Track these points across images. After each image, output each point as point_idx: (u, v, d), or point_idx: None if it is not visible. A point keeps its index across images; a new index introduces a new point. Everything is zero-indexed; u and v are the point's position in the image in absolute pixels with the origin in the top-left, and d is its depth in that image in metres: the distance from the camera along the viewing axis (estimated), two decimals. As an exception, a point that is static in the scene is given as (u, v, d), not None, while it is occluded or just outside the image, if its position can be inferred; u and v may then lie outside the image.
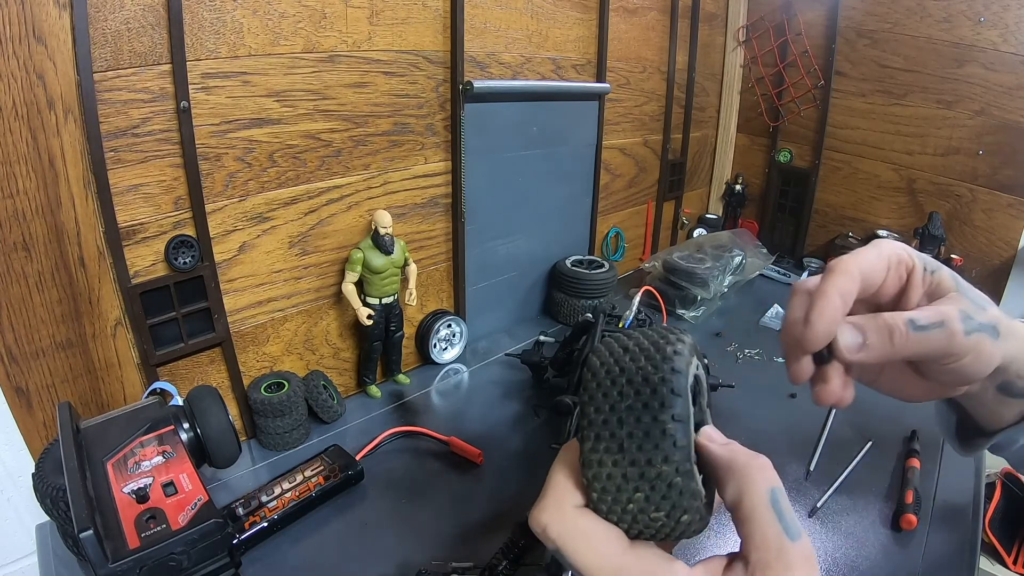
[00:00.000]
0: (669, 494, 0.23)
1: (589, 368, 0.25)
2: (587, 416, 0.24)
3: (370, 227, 0.91)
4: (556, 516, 0.25)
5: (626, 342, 0.26)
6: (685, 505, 0.23)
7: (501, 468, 0.79)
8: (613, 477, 0.23)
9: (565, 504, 0.25)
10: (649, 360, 0.24)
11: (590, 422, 0.24)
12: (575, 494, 0.25)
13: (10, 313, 0.63)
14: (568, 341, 0.93)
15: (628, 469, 0.23)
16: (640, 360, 0.24)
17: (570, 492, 0.25)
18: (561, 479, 0.26)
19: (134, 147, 0.67)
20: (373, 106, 0.87)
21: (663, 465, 0.23)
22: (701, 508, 0.24)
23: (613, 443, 0.23)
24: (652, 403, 0.23)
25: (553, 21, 1.11)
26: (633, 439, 0.23)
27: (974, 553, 0.67)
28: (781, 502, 0.23)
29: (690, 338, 0.26)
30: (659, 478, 0.23)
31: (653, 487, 0.23)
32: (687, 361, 0.24)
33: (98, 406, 0.72)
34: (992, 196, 1.31)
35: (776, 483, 0.24)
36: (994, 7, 1.22)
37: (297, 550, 0.66)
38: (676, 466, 0.23)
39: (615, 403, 0.24)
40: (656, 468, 0.23)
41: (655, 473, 0.23)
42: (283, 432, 0.81)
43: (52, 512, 0.58)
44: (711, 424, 0.27)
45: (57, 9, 0.58)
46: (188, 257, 0.73)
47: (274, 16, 0.74)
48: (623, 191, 1.46)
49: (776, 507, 0.23)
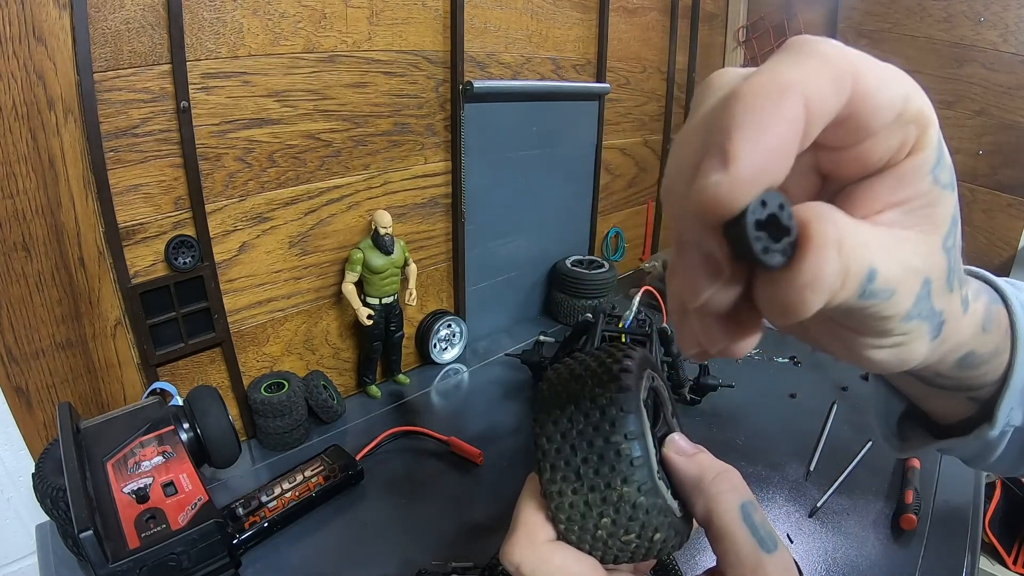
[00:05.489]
0: (635, 515, 0.22)
1: (538, 399, 0.25)
2: (540, 448, 0.24)
3: (370, 227, 0.91)
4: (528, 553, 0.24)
5: (573, 366, 0.25)
6: (655, 523, 0.22)
7: (501, 468, 0.79)
8: (576, 506, 0.23)
9: (536, 539, 0.24)
10: (596, 382, 0.24)
11: (544, 453, 0.24)
12: (545, 527, 0.24)
13: (10, 313, 0.63)
14: (568, 341, 0.93)
15: (589, 495, 0.22)
16: (587, 383, 0.24)
17: (540, 526, 0.24)
18: (530, 512, 0.25)
19: (134, 147, 0.67)
20: (373, 106, 0.87)
21: (623, 487, 0.22)
22: (676, 523, 0.23)
23: (569, 471, 0.23)
24: (602, 425, 0.23)
25: (553, 21, 1.11)
26: (589, 464, 0.22)
27: (974, 553, 0.67)
28: (754, 515, 0.22)
29: (639, 352, 0.26)
30: (621, 500, 0.22)
31: (617, 510, 0.22)
32: (636, 377, 0.24)
33: (98, 406, 0.72)
34: (992, 196, 1.31)
35: (747, 495, 0.23)
36: (994, 7, 1.22)
37: (297, 550, 0.66)
38: (637, 485, 0.22)
39: (566, 431, 0.23)
40: (616, 491, 0.22)
41: (616, 496, 0.22)
42: (283, 432, 0.81)
43: (52, 512, 0.58)
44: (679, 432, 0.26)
45: (57, 9, 0.58)
46: (188, 257, 0.73)
47: (274, 16, 0.74)
48: (623, 191, 1.46)
49: (748, 521, 0.22)
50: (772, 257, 0.15)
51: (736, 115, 0.14)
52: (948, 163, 0.19)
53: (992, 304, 0.26)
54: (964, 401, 0.29)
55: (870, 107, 0.16)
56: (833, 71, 0.15)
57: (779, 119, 0.14)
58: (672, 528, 0.23)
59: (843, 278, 0.16)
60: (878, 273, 0.17)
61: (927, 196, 0.19)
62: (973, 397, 0.29)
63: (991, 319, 0.26)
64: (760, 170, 0.14)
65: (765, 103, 0.14)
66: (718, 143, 0.14)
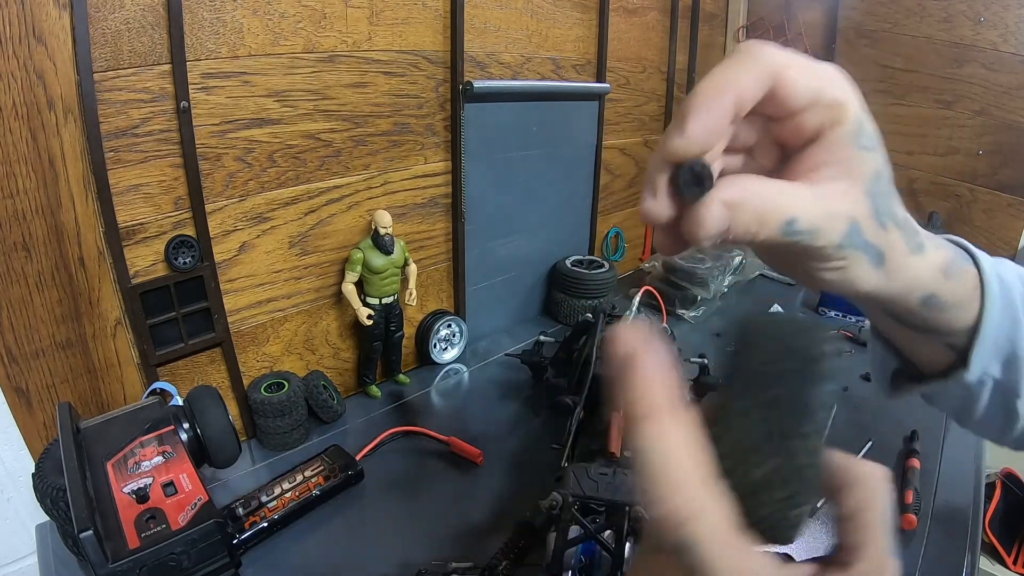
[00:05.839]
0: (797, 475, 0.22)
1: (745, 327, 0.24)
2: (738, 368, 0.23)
3: (370, 227, 0.91)
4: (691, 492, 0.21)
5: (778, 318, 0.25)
6: (803, 498, 0.22)
7: (501, 468, 0.79)
8: (751, 435, 0.22)
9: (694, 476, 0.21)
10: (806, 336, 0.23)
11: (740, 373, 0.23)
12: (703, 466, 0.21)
13: (10, 313, 0.63)
14: (568, 341, 0.93)
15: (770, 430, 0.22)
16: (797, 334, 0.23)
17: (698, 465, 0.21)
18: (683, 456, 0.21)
19: (134, 147, 0.67)
20: (373, 106, 0.87)
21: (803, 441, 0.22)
22: (811, 510, 0.23)
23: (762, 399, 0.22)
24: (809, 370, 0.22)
25: (553, 21, 1.11)
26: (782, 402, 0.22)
27: (974, 553, 0.67)
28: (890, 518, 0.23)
29: None
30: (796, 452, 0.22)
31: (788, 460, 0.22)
32: None
33: (98, 406, 0.72)
34: (992, 196, 1.31)
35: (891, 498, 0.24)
36: (994, 7, 1.22)
37: (297, 550, 0.66)
38: (814, 445, 0.22)
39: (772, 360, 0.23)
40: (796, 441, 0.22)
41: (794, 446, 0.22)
42: (283, 432, 0.81)
43: (52, 512, 0.58)
44: None
45: (57, 9, 0.58)
46: (188, 257, 0.73)
47: (274, 16, 0.74)
48: (623, 191, 1.46)
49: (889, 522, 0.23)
50: (688, 190, 0.23)
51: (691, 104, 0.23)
52: (869, 132, 0.26)
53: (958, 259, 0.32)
54: (944, 348, 0.35)
55: (789, 94, 0.24)
56: (758, 71, 0.23)
57: (714, 109, 0.23)
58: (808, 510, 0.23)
59: (760, 222, 0.24)
60: (798, 219, 0.24)
61: (849, 156, 0.25)
62: (951, 344, 0.34)
63: (954, 270, 0.31)
64: (701, 138, 0.23)
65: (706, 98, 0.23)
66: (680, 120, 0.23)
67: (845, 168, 0.25)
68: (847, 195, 0.25)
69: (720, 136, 0.24)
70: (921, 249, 0.30)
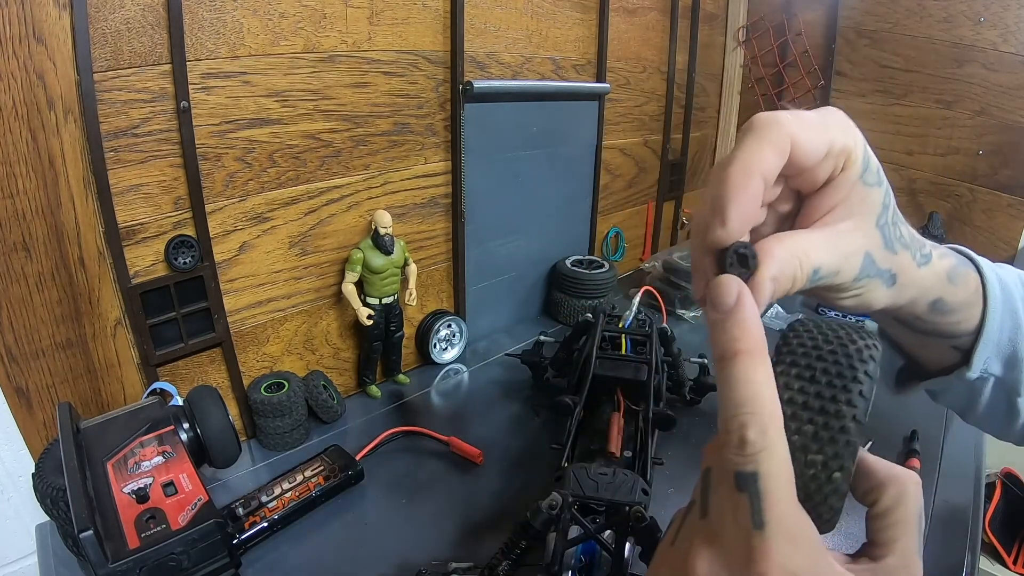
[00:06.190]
0: (837, 438, 0.23)
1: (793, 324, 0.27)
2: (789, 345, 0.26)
3: (370, 227, 0.91)
4: None
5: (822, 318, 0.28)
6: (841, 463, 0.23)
7: (501, 468, 0.79)
8: (794, 400, 0.24)
9: None
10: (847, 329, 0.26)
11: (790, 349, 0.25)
12: None
13: (10, 313, 0.63)
14: (568, 341, 0.93)
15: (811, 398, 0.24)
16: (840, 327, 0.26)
17: None
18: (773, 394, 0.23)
19: (134, 147, 0.67)
20: (373, 106, 0.87)
21: (845, 407, 0.23)
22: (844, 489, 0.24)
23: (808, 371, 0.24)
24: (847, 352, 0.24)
25: (553, 21, 1.11)
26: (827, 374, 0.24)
27: (974, 553, 0.66)
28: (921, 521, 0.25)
29: None
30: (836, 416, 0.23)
31: (827, 424, 0.23)
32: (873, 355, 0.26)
33: (98, 406, 0.72)
34: (992, 196, 1.31)
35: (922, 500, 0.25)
36: (994, 7, 1.22)
37: (297, 550, 0.66)
38: (854, 413, 0.23)
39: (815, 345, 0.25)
40: (838, 406, 0.23)
41: (835, 410, 0.23)
42: (283, 432, 0.81)
43: (52, 512, 0.58)
44: None
45: (57, 9, 0.58)
46: (188, 257, 0.73)
47: (274, 16, 0.74)
48: (623, 191, 1.46)
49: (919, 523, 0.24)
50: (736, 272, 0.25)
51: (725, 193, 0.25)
52: (874, 168, 0.28)
53: (961, 266, 0.34)
54: (949, 350, 0.37)
55: (805, 155, 0.26)
56: (777, 146, 0.25)
57: (748, 196, 0.24)
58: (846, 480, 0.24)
59: (793, 281, 0.26)
60: (821, 268, 0.27)
61: (858, 194, 0.28)
62: (956, 346, 0.36)
63: (958, 275, 0.34)
64: (741, 226, 0.25)
65: (738, 186, 0.24)
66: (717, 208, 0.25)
67: (856, 206, 0.28)
68: (859, 231, 0.28)
69: (756, 219, 0.27)
70: (928, 260, 0.32)
